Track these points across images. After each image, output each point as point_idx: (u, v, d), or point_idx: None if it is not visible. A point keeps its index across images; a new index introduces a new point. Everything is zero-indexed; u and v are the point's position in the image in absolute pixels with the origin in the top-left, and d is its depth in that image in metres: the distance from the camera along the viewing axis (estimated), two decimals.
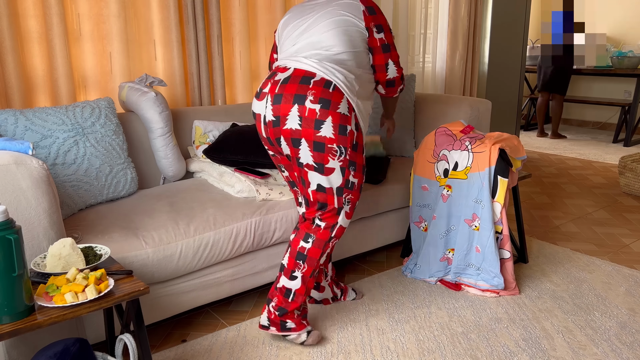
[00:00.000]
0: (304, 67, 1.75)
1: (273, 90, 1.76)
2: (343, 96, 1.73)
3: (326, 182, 1.77)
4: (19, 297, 1.21)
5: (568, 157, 4.93)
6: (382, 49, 1.84)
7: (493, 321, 2.06)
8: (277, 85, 1.75)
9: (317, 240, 1.83)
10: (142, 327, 1.45)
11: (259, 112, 1.81)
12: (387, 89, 1.93)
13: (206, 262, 1.94)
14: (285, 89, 1.73)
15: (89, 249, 1.51)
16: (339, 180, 1.77)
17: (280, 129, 1.74)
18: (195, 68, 2.72)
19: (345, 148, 1.74)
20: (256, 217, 2.05)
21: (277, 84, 1.75)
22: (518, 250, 2.61)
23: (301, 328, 1.89)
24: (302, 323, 1.90)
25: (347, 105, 1.74)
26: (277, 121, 1.74)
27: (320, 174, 1.75)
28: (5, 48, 2.17)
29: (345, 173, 1.77)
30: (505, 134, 2.35)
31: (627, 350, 1.86)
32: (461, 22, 4.05)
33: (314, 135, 1.70)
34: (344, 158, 1.75)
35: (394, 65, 1.88)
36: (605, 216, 3.28)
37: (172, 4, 2.58)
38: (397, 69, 1.89)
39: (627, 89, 6.04)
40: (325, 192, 1.78)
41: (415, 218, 2.46)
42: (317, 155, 1.72)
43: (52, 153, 1.95)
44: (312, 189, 1.79)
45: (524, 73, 4.77)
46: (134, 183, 2.21)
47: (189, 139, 2.56)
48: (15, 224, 1.21)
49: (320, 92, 1.70)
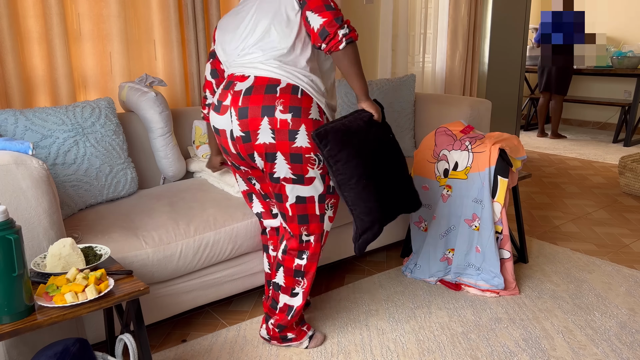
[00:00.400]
0: (266, 73, 1.64)
1: (236, 103, 1.64)
2: (312, 100, 1.65)
3: (307, 192, 1.69)
4: (19, 297, 1.21)
5: (568, 157, 4.93)
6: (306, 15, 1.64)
7: (493, 321, 2.06)
8: (240, 96, 1.63)
9: (312, 255, 1.79)
10: (142, 327, 1.45)
11: (223, 128, 1.69)
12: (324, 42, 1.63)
13: (206, 262, 1.94)
14: (250, 101, 1.61)
15: (89, 249, 1.51)
16: (321, 187, 1.71)
17: (252, 145, 1.65)
18: (195, 68, 2.72)
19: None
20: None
21: (240, 96, 1.64)
22: (518, 250, 2.61)
23: (302, 336, 1.88)
24: (302, 330, 1.89)
25: (318, 109, 1.67)
26: (247, 136, 1.64)
27: (301, 185, 1.68)
28: (5, 48, 2.17)
29: (325, 179, 1.72)
30: (505, 134, 2.35)
31: (627, 350, 1.86)
32: (461, 22, 4.05)
33: (290, 147, 1.63)
34: (322, 165, 1.70)
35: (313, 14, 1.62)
36: (605, 216, 3.28)
37: (172, 4, 2.58)
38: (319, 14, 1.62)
39: (627, 89, 6.04)
40: (305, 202, 1.71)
41: (415, 218, 2.46)
42: (295, 167, 1.65)
43: (52, 153, 1.95)
44: (291, 202, 1.71)
45: (524, 73, 4.77)
46: (134, 183, 2.21)
47: (189, 139, 2.56)
48: (15, 224, 1.21)
49: (289, 99, 1.61)
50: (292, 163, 1.64)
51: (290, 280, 1.80)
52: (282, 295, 1.82)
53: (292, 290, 1.81)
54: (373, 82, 3.07)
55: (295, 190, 1.69)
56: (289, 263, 1.79)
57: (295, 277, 1.80)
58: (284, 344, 1.89)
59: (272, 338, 1.89)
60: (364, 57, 3.66)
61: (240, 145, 1.68)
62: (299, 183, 1.68)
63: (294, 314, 1.83)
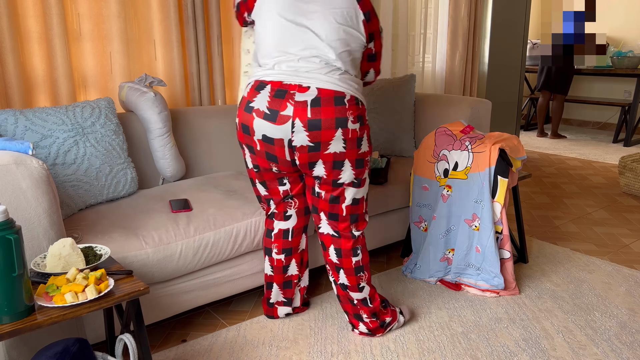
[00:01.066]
0: (330, 86, 1.66)
1: (303, 114, 1.63)
2: (365, 107, 1.78)
3: (360, 193, 1.82)
4: (19, 297, 1.21)
5: (568, 157, 4.93)
6: (369, 58, 1.82)
7: (493, 321, 2.06)
8: (307, 108, 1.63)
9: (363, 248, 1.91)
10: (142, 327, 1.45)
11: (280, 137, 1.67)
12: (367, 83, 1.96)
13: (206, 262, 1.94)
14: (321, 113, 1.64)
15: (89, 249, 1.51)
16: (367, 186, 1.86)
17: (321, 154, 1.69)
18: (195, 68, 2.72)
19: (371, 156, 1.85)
20: (256, 217, 2.05)
21: (306, 107, 1.63)
22: (518, 250, 2.61)
23: (396, 315, 1.99)
24: (393, 310, 2.00)
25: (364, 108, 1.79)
26: (316, 147, 1.67)
27: (358, 188, 1.80)
28: (5, 48, 2.17)
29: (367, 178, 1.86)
30: (505, 134, 2.35)
31: (627, 350, 1.86)
32: (461, 22, 4.05)
33: (357, 153, 1.74)
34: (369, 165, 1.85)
35: (374, 73, 1.89)
36: (605, 216, 3.28)
37: (172, 4, 2.58)
38: (377, 74, 1.91)
39: (627, 89, 6.04)
40: (358, 203, 1.83)
41: (415, 218, 2.46)
42: (358, 171, 1.77)
43: (52, 153, 1.95)
44: (347, 204, 1.81)
45: (524, 73, 4.77)
46: (134, 183, 2.21)
47: (188, 139, 2.56)
48: (15, 224, 1.21)
49: (355, 109, 1.70)
50: (357, 168, 1.77)
51: (353, 279, 1.89)
52: (352, 293, 1.91)
53: (358, 286, 1.90)
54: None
55: (353, 193, 1.80)
56: (347, 264, 1.88)
57: (357, 274, 1.89)
58: (387, 331, 1.97)
59: (373, 331, 1.95)
60: None
61: (304, 155, 1.70)
62: (357, 186, 1.80)
63: (372, 300, 1.93)
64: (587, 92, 6.43)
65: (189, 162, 2.56)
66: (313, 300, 2.24)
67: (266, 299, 2.09)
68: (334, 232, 1.87)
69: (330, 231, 1.87)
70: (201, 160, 2.60)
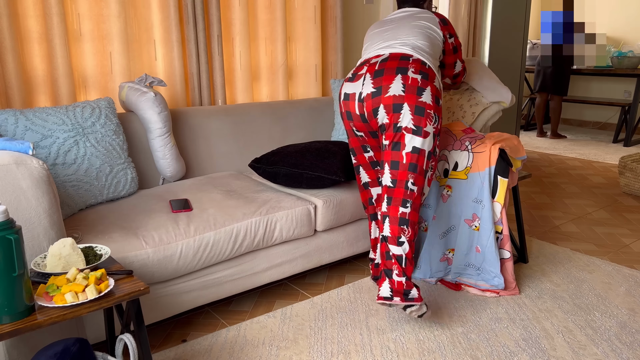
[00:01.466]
0: (400, 50, 1.99)
1: (372, 69, 1.97)
2: (435, 75, 1.98)
3: (421, 143, 1.93)
4: (19, 297, 1.21)
5: (568, 157, 4.94)
6: (453, 50, 2.23)
7: (493, 321, 2.06)
8: (376, 65, 1.97)
9: (414, 204, 1.96)
10: (142, 327, 1.45)
11: (353, 92, 2.00)
12: (453, 80, 2.39)
13: (206, 262, 1.94)
14: (386, 65, 1.95)
15: (89, 249, 1.51)
16: (431, 144, 1.95)
17: (382, 97, 1.92)
18: (195, 68, 2.72)
19: (439, 117, 1.96)
20: (256, 217, 2.05)
21: (376, 65, 1.98)
22: (518, 250, 2.61)
23: (421, 300, 1.95)
24: (421, 296, 2.02)
25: (439, 82, 2.01)
26: (377, 91, 1.93)
27: (418, 136, 1.92)
28: (5, 48, 2.17)
29: (434, 140, 1.97)
30: (505, 134, 2.35)
31: (627, 350, 1.86)
32: (461, 22, 4.05)
33: (417, 100, 1.90)
34: (437, 126, 1.96)
35: (460, 63, 2.31)
36: (605, 216, 3.28)
37: (172, 4, 2.58)
38: (462, 64, 2.34)
39: (627, 89, 6.04)
40: (418, 153, 1.93)
41: None
42: (417, 118, 1.90)
43: (52, 153, 1.95)
44: (407, 151, 1.93)
45: (524, 73, 4.77)
46: (134, 183, 2.21)
47: (188, 139, 2.56)
48: (15, 224, 1.21)
49: (419, 66, 1.94)
50: (415, 114, 1.91)
51: (395, 229, 1.94)
52: (391, 246, 1.95)
53: (398, 239, 1.94)
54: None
55: (413, 141, 1.92)
56: (394, 212, 1.95)
57: (401, 226, 1.94)
58: (406, 302, 1.90)
59: (395, 293, 1.91)
60: None
61: (368, 102, 1.96)
62: (417, 134, 1.92)
63: (407, 264, 1.95)
64: (587, 92, 6.43)
65: (189, 162, 2.56)
66: (313, 300, 2.25)
67: (374, 262, 2.27)
68: (391, 182, 1.96)
69: (389, 182, 1.96)
70: (201, 160, 2.60)
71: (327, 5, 3.27)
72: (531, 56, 6.30)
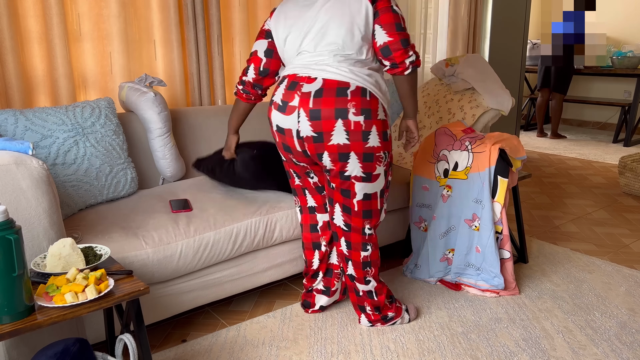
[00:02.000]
0: (334, 76, 1.69)
1: (306, 105, 1.69)
2: (378, 101, 1.73)
3: (372, 188, 1.81)
4: (19, 297, 1.21)
5: (568, 157, 4.94)
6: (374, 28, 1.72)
7: (493, 321, 2.06)
8: (310, 98, 1.69)
9: (374, 245, 1.93)
10: (142, 327, 1.45)
11: (289, 127, 1.75)
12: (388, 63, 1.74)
13: (206, 262, 1.94)
14: (322, 104, 1.68)
15: (89, 249, 1.51)
16: (382, 182, 1.83)
17: (325, 145, 1.72)
18: (195, 68, 2.72)
19: (388, 152, 1.81)
20: (256, 217, 2.05)
21: (309, 98, 1.69)
22: (518, 250, 2.61)
23: (400, 312, 2.01)
24: (398, 307, 2.02)
25: (382, 109, 1.75)
26: (319, 137, 1.71)
27: (368, 182, 1.79)
28: (5, 48, 2.17)
29: (386, 176, 1.85)
30: (505, 134, 2.35)
31: (627, 350, 1.86)
32: (461, 22, 4.05)
33: (363, 147, 1.72)
34: (386, 162, 1.82)
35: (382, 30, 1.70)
36: (605, 216, 3.28)
37: (172, 4, 2.58)
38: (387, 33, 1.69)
39: (627, 89, 6.04)
40: (370, 198, 1.82)
41: (415, 218, 2.46)
42: (366, 165, 1.76)
43: (52, 153, 1.95)
44: (358, 199, 1.81)
45: (524, 73, 4.77)
46: (134, 183, 2.21)
47: (189, 139, 2.56)
48: (15, 224, 1.21)
49: (360, 102, 1.69)
50: (364, 162, 1.75)
51: (360, 272, 1.93)
52: (359, 285, 1.95)
53: (364, 279, 1.94)
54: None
55: (364, 188, 1.80)
56: (356, 257, 1.92)
57: (364, 269, 1.93)
58: (388, 324, 1.99)
59: (374, 323, 1.98)
60: None
61: (310, 145, 1.75)
62: (367, 181, 1.79)
63: (378, 294, 1.96)
64: (587, 92, 6.43)
65: (189, 162, 2.56)
66: None
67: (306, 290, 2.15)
68: (345, 225, 1.88)
69: (342, 225, 1.89)
70: None
71: None
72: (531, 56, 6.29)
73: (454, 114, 2.68)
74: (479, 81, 2.66)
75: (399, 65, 1.73)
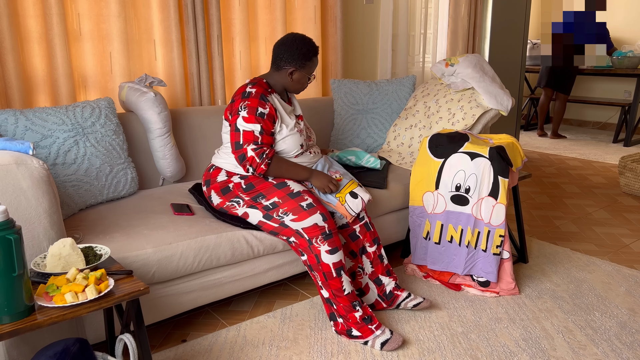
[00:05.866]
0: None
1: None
2: (220, 170, 2.10)
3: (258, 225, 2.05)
4: (19, 297, 1.21)
5: (568, 157, 4.94)
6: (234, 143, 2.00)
7: (493, 321, 2.06)
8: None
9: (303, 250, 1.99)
10: (142, 327, 1.45)
11: None
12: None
13: (206, 265, 1.93)
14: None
15: (89, 249, 1.51)
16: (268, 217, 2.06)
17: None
18: (195, 68, 2.72)
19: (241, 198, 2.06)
20: None
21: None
22: (518, 250, 2.61)
23: (367, 334, 1.89)
24: (369, 329, 1.89)
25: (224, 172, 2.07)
26: None
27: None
28: (5, 48, 2.17)
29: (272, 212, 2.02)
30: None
31: (627, 350, 1.86)
32: (461, 22, 4.05)
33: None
34: (247, 201, 2.05)
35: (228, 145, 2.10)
36: (605, 216, 3.28)
37: (172, 4, 2.58)
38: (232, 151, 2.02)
39: (627, 89, 6.04)
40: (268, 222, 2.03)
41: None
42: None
43: (52, 153, 1.95)
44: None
45: (524, 73, 4.77)
46: (135, 183, 2.21)
47: (188, 139, 2.56)
48: (15, 224, 1.21)
49: (206, 174, 2.15)
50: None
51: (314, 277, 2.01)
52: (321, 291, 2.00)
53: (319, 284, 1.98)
54: (373, 83, 3.07)
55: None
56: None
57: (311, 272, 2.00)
58: (351, 339, 1.94)
59: (339, 332, 1.96)
60: (364, 57, 3.66)
61: None
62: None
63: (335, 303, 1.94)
64: (587, 92, 6.43)
65: (189, 162, 2.56)
66: (313, 301, 2.24)
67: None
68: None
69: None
70: (201, 160, 2.60)
71: (327, 5, 3.27)
72: (531, 56, 6.29)
73: (454, 114, 2.68)
74: (479, 81, 2.66)
75: (255, 172, 1.98)
